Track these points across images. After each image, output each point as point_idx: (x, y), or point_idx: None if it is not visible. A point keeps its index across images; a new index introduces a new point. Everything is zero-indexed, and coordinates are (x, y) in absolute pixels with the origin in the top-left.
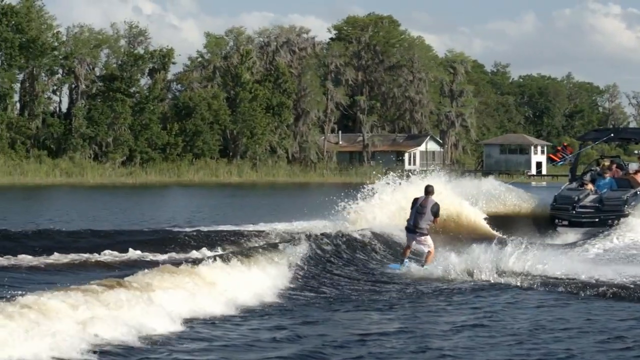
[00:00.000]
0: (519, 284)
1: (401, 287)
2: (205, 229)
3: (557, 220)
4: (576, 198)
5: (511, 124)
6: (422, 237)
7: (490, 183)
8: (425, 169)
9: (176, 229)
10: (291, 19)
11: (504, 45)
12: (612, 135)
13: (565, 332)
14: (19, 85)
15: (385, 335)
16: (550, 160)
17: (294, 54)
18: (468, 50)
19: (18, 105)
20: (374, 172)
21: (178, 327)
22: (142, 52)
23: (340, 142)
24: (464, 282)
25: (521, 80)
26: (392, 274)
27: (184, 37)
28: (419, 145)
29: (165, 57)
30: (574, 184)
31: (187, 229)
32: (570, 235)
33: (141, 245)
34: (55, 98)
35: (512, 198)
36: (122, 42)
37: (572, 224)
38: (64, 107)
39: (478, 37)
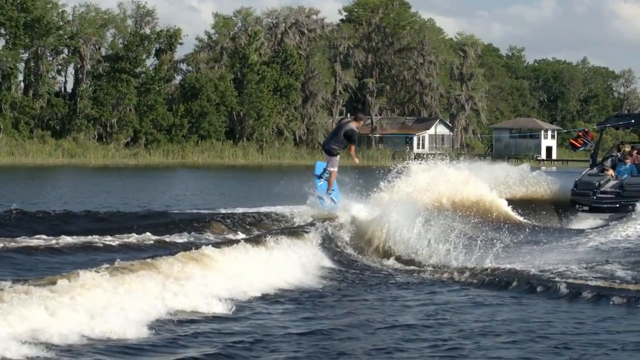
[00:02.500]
0: (480, 278)
1: (343, 278)
2: (156, 211)
3: (577, 206)
4: (597, 184)
5: (525, 109)
6: (328, 157)
7: (510, 168)
8: (434, 152)
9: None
10: (309, 2)
11: (523, 30)
12: (632, 121)
13: (497, 339)
14: (23, 64)
15: (289, 337)
16: (571, 146)
17: (302, 36)
18: (487, 35)
19: (22, 85)
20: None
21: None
22: (148, 32)
23: None
24: (413, 274)
25: (536, 64)
26: (340, 261)
27: (203, 19)
28: (428, 128)
29: (172, 38)
30: (595, 170)
31: (123, 210)
32: (591, 220)
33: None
34: (60, 78)
35: (533, 182)
36: (129, 22)
37: (593, 210)
38: (69, 87)
39: (497, 21)
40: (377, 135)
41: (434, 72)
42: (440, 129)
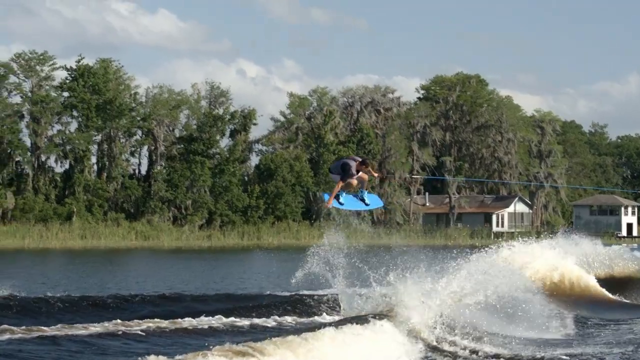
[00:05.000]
0: None
1: None
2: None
3: None
4: None
5: (609, 185)
6: (331, 174)
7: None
8: (513, 230)
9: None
10: (395, 81)
11: (608, 106)
12: None
13: None
14: (96, 147)
15: None
16: None
17: (379, 114)
18: (573, 112)
19: (95, 167)
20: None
21: None
22: (222, 112)
23: (427, 204)
24: None
25: (619, 140)
26: None
27: (287, 100)
28: (507, 206)
29: (246, 118)
30: None
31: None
32: None
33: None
34: (134, 160)
35: (625, 260)
36: (203, 102)
37: None
38: (143, 169)
39: (582, 98)
40: (455, 213)
41: (513, 149)
42: (519, 207)
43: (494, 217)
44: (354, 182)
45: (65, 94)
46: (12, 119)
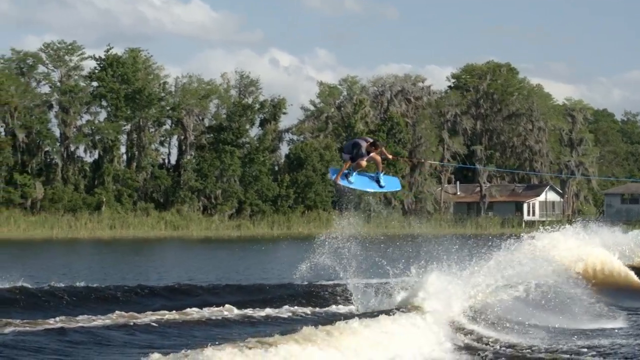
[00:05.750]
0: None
1: None
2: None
3: None
4: None
5: None
6: (343, 155)
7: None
8: (544, 219)
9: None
10: (428, 70)
11: None
12: None
13: None
14: (125, 137)
15: None
16: None
17: (409, 103)
18: (607, 100)
19: (125, 157)
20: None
21: None
22: (251, 102)
23: (458, 193)
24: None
25: None
26: None
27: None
28: (538, 195)
29: (276, 108)
30: None
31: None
32: None
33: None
34: (163, 150)
35: None
36: (233, 92)
37: None
38: (173, 159)
39: (616, 86)
40: (486, 202)
41: (543, 138)
42: (550, 196)
43: (525, 206)
44: (363, 163)
45: (94, 83)
46: (41, 109)
